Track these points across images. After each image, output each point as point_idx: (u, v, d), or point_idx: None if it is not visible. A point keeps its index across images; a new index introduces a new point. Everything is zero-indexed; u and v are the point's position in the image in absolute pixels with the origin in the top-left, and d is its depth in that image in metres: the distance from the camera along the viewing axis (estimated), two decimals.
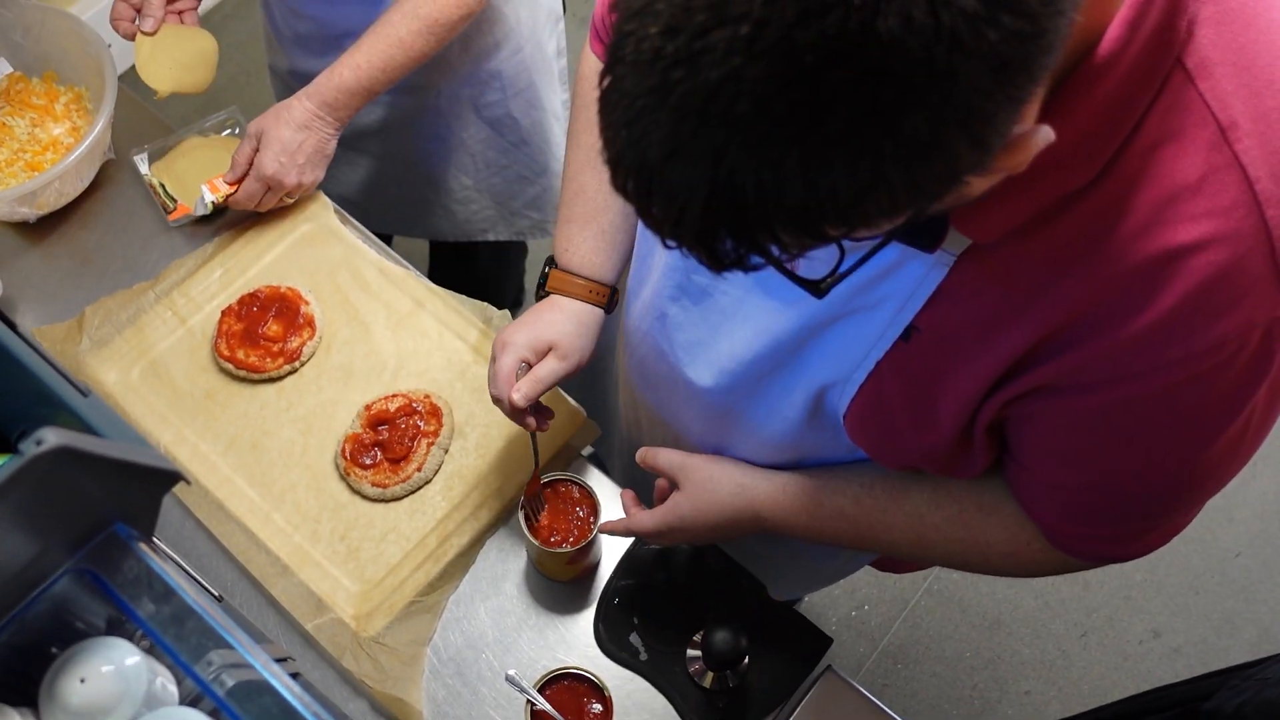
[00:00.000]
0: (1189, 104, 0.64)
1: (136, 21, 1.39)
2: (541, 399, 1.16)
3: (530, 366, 1.10)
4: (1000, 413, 0.79)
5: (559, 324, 1.12)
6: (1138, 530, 0.84)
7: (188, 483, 0.63)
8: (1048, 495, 0.86)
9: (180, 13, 1.42)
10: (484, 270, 2.06)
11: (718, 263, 0.57)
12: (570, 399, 1.32)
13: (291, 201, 1.41)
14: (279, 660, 0.71)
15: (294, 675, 0.80)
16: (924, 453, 0.86)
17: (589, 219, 1.13)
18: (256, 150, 1.34)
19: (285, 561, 1.22)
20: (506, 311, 1.38)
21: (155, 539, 0.78)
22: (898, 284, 0.78)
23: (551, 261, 1.16)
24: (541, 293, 1.16)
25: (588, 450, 1.32)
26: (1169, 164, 0.65)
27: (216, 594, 0.80)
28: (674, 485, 1.08)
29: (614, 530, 1.11)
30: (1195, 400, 0.70)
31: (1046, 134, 0.57)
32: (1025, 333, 0.72)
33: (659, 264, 1.01)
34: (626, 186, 0.56)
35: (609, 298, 1.14)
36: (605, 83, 0.55)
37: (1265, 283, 0.65)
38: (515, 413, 1.10)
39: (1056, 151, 0.60)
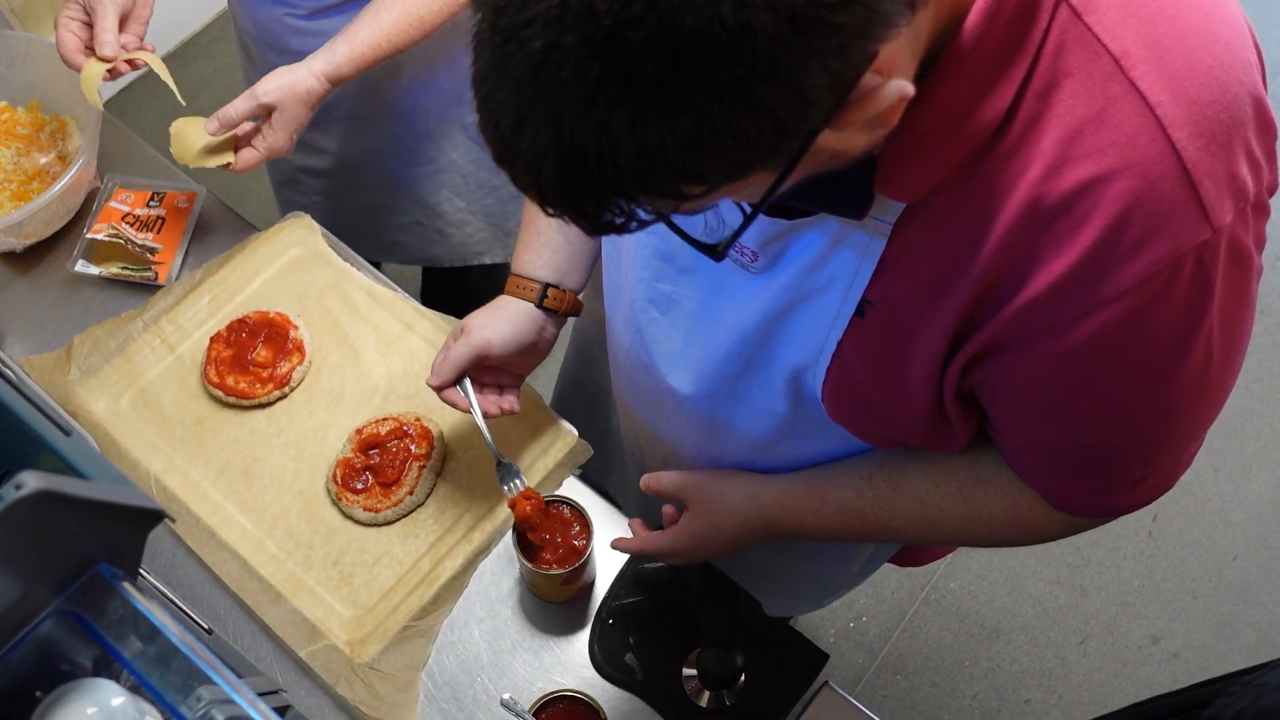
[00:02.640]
0: (1079, 40, 0.64)
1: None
2: (514, 398, 1.20)
3: None
4: (965, 380, 0.79)
5: (479, 313, 1.17)
6: (1130, 479, 0.83)
7: (172, 520, 0.63)
8: (1031, 457, 0.86)
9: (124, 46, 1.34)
10: (475, 290, 2.06)
11: (593, 226, 0.61)
12: (563, 421, 1.31)
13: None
14: (269, 693, 0.71)
15: (284, 708, 0.79)
16: (903, 427, 0.86)
17: (529, 221, 1.19)
18: (258, 115, 1.31)
19: (278, 589, 1.21)
20: None
21: (143, 572, 0.77)
22: (844, 261, 0.79)
23: None
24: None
25: (580, 470, 1.32)
26: (1068, 102, 0.65)
27: (206, 627, 0.80)
28: (682, 506, 1.09)
29: (630, 549, 1.12)
30: (1141, 336, 0.70)
31: (899, 88, 0.58)
32: (966, 290, 0.72)
33: (629, 280, 1.02)
34: (495, 158, 0.60)
35: (541, 293, 1.16)
36: (471, 62, 0.59)
37: (1184, 208, 0.64)
38: (440, 395, 1.16)
39: (953, 104, 0.63)
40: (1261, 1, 2.99)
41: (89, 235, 1.40)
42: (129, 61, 1.30)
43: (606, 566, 1.23)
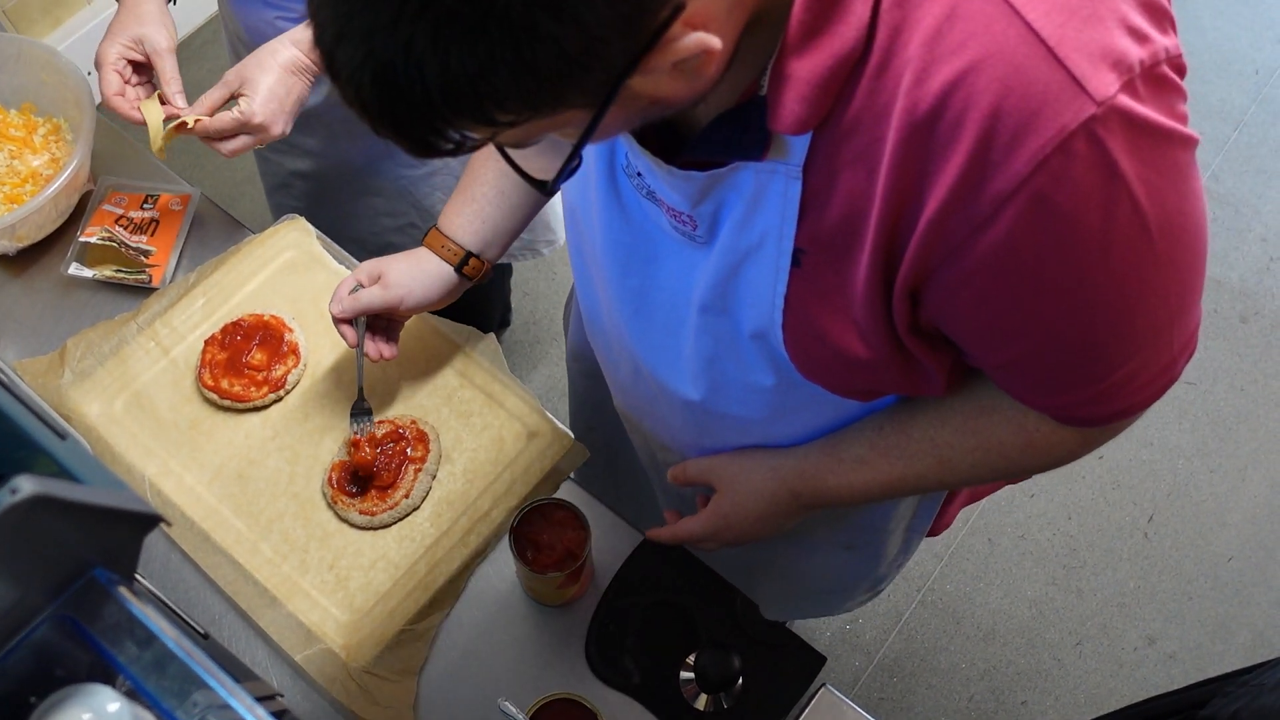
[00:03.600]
0: None
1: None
2: (395, 346, 1.26)
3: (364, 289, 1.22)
4: (919, 316, 0.79)
5: (399, 262, 1.24)
6: (1120, 376, 0.80)
7: (168, 524, 0.62)
8: (1013, 377, 0.85)
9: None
10: (472, 290, 2.05)
11: (415, 147, 0.63)
12: (557, 422, 1.31)
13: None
14: (266, 698, 0.71)
15: (281, 713, 0.79)
16: (872, 373, 0.86)
17: (465, 187, 1.24)
18: (232, 96, 1.27)
19: (273, 593, 1.21)
20: (492, 335, 1.38)
21: (139, 576, 0.77)
22: (768, 214, 0.79)
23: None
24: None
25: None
26: (920, 6, 0.65)
27: (202, 631, 0.79)
28: (710, 491, 1.10)
29: (661, 537, 1.14)
30: (1055, 223, 0.68)
31: (698, 40, 0.61)
32: (878, 217, 0.72)
33: (601, 281, 1.02)
34: (325, 72, 0.61)
35: (463, 259, 1.23)
36: None
37: (1058, 86, 0.63)
38: (335, 324, 1.23)
39: (808, 28, 0.66)
40: (1255, 4, 3.00)
41: (82, 238, 1.40)
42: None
43: (603, 569, 1.23)
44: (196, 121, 1.26)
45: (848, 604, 1.54)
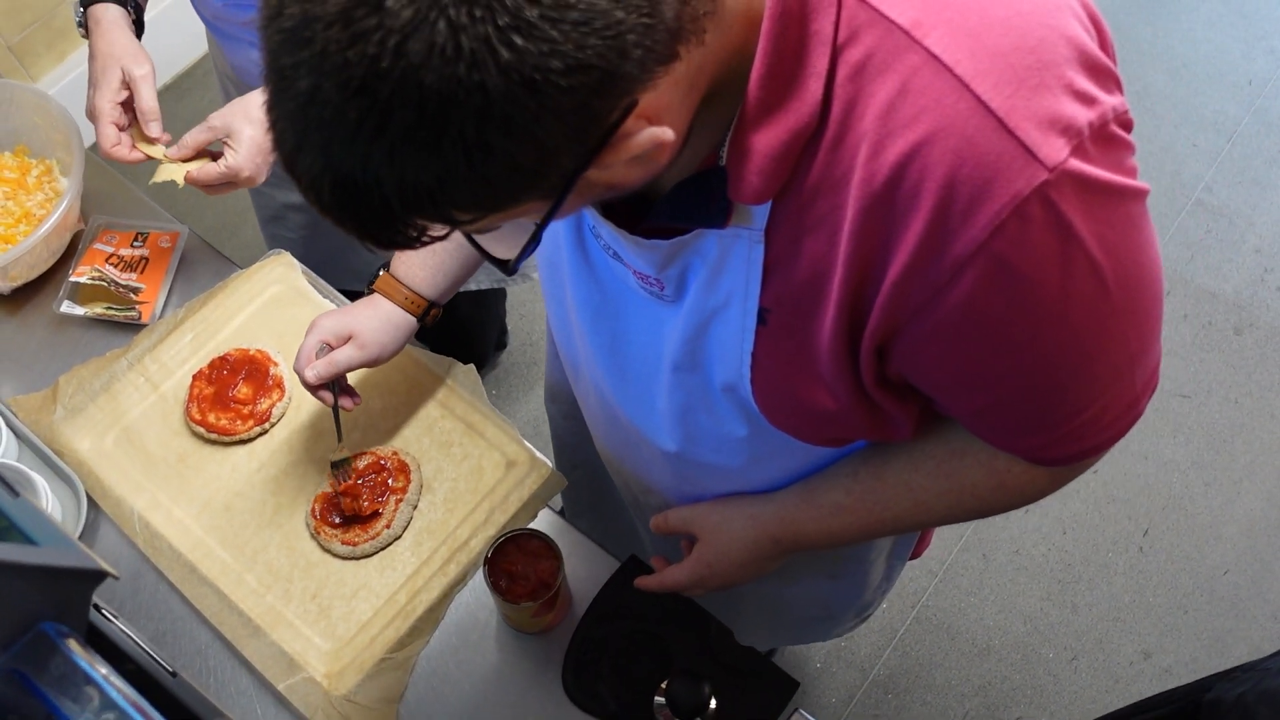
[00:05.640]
0: (870, 22, 0.67)
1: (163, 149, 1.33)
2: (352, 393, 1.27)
3: (332, 349, 1.24)
4: (886, 369, 0.81)
5: (367, 318, 1.25)
6: (1086, 418, 0.82)
7: (116, 578, 0.65)
8: (983, 424, 0.87)
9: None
10: (464, 317, 2.08)
11: (378, 243, 0.65)
12: (536, 451, 1.33)
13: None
14: None
15: None
16: (841, 423, 0.88)
17: None
18: (220, 141, 1.30)
19: (257, 622, 1.23)
20: (472, 366, 1.40)
21: (109, 615, 0.79)
22: (733, 275, 0.81)
23: (387, 266, 1.29)
24: (369, 290, 1.28)
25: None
26: (874, 82, 0.67)
27: (170, 669, 0.82)
28: (693, 539, 1.12)
29: (649, 586, 1.16)
30: (1015, 284, 0.70)
31: (652, 135, 0.63)
32: (841, 281, 0.74)
33: (579, 333, 1.04)
34: (287, 173, 0.63)
35: (425, 310, 1.27)
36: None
37: (1009, 155, 0.65)
38: (310, 388, 1.24)
39: (765, 106, 0.68)
40: (1248, 15, 3.00)
41: (73, 278, 1.43)
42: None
43: (580, 596, 1.25)
44: (186, 176, 1.29)
45: (836, 630, 1.55)
